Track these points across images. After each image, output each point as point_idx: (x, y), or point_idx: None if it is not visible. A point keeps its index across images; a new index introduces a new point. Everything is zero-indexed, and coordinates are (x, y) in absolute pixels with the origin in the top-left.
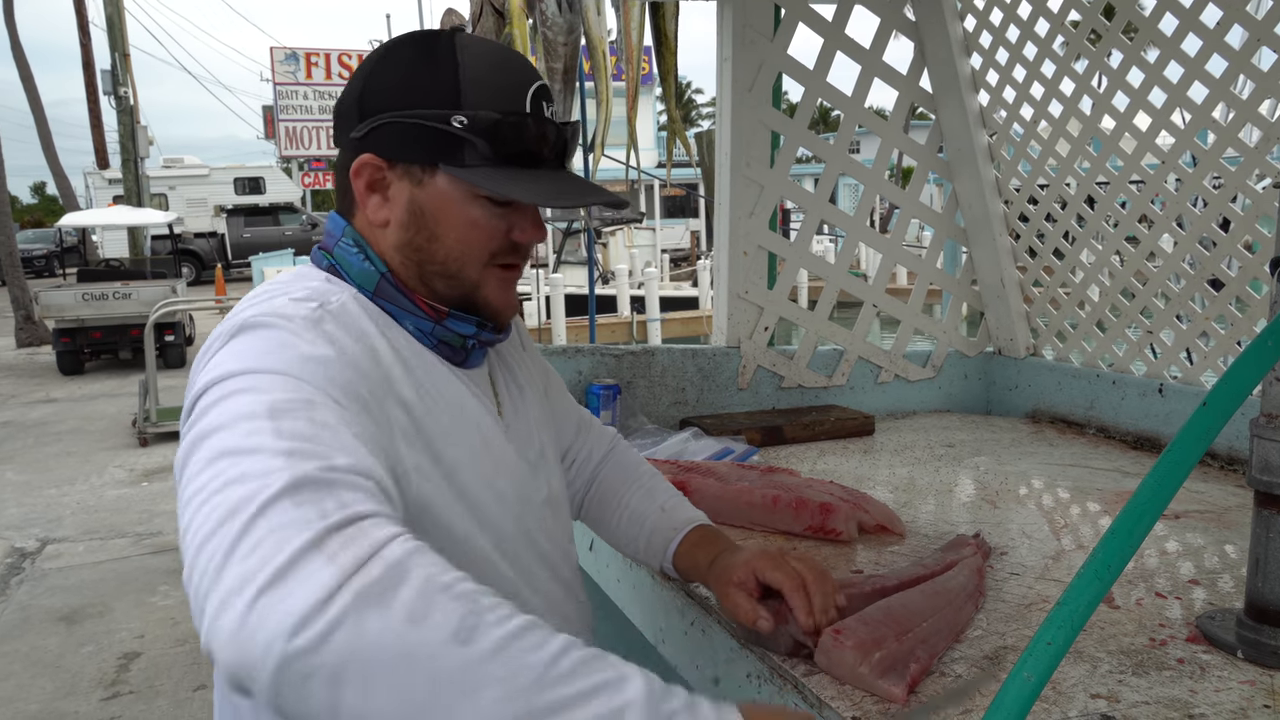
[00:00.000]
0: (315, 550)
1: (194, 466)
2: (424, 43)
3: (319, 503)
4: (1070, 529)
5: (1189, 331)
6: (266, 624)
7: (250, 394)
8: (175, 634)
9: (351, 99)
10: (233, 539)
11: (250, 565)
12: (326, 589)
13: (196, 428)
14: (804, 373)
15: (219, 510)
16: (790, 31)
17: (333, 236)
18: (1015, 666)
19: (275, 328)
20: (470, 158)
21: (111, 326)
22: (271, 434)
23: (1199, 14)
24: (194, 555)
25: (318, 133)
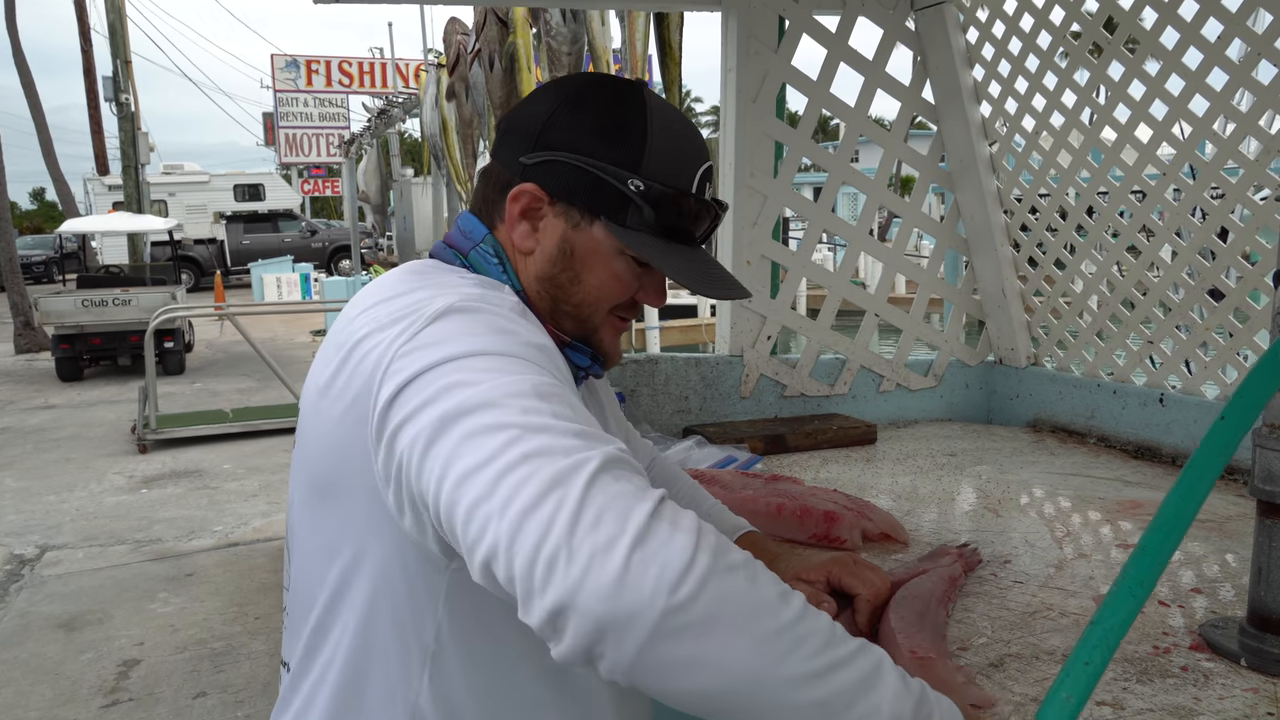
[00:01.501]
0: (658, 519)
1: (459, 440)
2: (617, 94)
3: (632, 480)
4: (1072, 538)
5: (1189, 342)
6: (645, 580)
7: (501, 374)
8: (175, 641)
9: (532, 123)
10: (575, 505)
11: (608, 529)
12: (689, 550)
13: (445, 405)
14: (806, 381)
15: (537, 479)
16: (794, 42)
17: (469, 239)
18: (1053, 687)
19: (489, 313)
20: (632, 219)
21: (111, 333)
22: (551, 414)
23: (1200, 27)
24: (518, 520)
25: (318, 140)
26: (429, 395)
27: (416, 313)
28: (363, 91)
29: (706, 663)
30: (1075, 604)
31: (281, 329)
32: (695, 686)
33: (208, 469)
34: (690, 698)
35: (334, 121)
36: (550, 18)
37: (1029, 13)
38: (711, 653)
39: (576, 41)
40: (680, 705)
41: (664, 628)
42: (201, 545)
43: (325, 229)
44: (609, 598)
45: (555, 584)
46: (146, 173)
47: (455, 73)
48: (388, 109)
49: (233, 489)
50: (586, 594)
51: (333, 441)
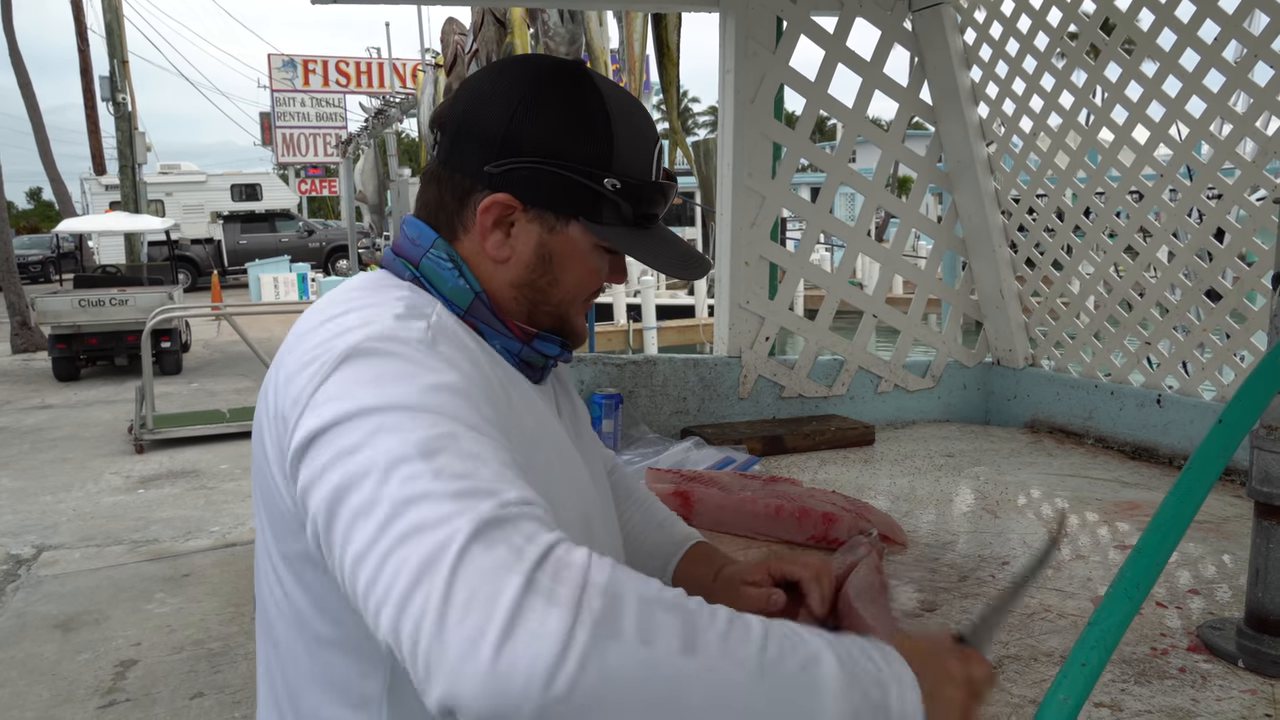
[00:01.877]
0: (532, 593)
1: (350, 519)
2: (572, 86)
3: (508, 541)
4: (1070, 539)
5: (1187, 343)
6: (515, 677)
7: (389, 434)
8: (172, 641)
9: (492, 125)
10: (441, 594)
11: (475, 619)
12: (563, 632)
13: (338, 475)
14: (804, 382)
15: (409, 566)
16: (792, 43)
17: (418, 247)
18: (1051, 689)
19: (391, 355)
20: (609, 216)
21: (108, 333)
22: (430, 477)
23: (1197, 29)
24: (396, 614)
25: (315, 140)
26: (323, 463)
27: (325, 355)
28: (360, 91)
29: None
30: (1073, 605)
31: (279, 329)
32: None
33: (205, 469)
34: None
35: (331, 121)
36: (548, 18)
37: (1026, 14)
38: None
39: (574, 42)
40: None
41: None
42: (198, 545)
43: (322, 229)
44: (484, 697)
45: (435, 684)
46: (144, 172)
47: (453, 73)
48: (385, 109)
49: (230, 489)
50: (464, 697)
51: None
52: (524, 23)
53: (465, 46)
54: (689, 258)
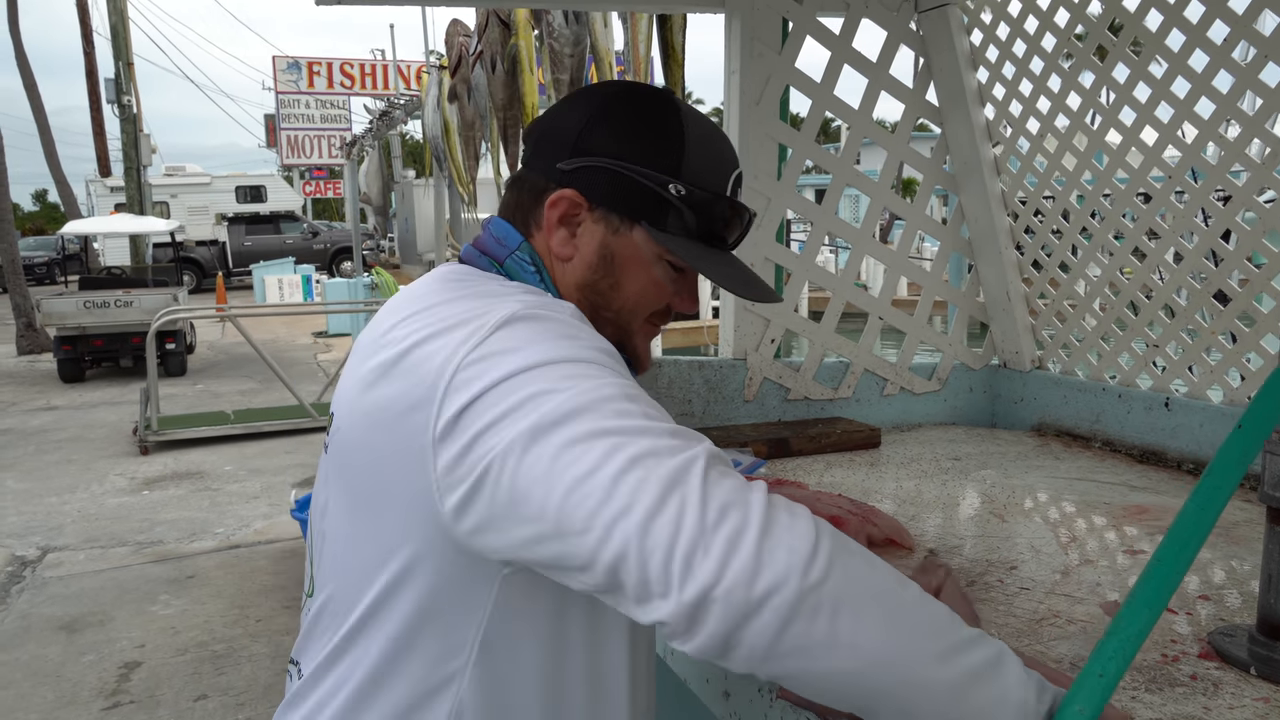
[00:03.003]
0: (774, 507)
1: (562, 448)
2: (651, 101)
3: (731, 474)
4: (1078, 544)
5: (1195, 346)
6: (778, 564)
7: (584, 379)
8: (176, 643)
9: (567, 131)
10: (699, 502)
11: (734, 521)
12: (811, 534)
13: (535, 414)
14: (810, 385)
15: (654, 481)
16: (798, 44)
17: (504, 247)
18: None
19: (553, 320)
20: (673, 224)
21: (113, 334)
22: (643, 415)
23: (1206, 30)
24: (645, 523)
25: (319, 141)
26: (512, 404)
27: (477, 320)
28: (364, 93)
29: (841, 642)
30: (1082, 611)
31: (283, 330)
32: (832, 667)
33: (209, 470)
34: (827, 680)
35: (335, 123)
36: (553, 19)
37: (1033, 15)
38: (846, 632)
39: (579, 43)
40: (817, 690)
41: (800, 608)
42: (203, 547)
43: (327, 230)
44: (747, 584)
45: (695, 577)
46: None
47: (457, 74)
48: (389, 110)
49: (234, 491)
50: (726, 582)
51: (383, 451)
52: (529, 24)
53: (470, 48)
54: (753, 280)
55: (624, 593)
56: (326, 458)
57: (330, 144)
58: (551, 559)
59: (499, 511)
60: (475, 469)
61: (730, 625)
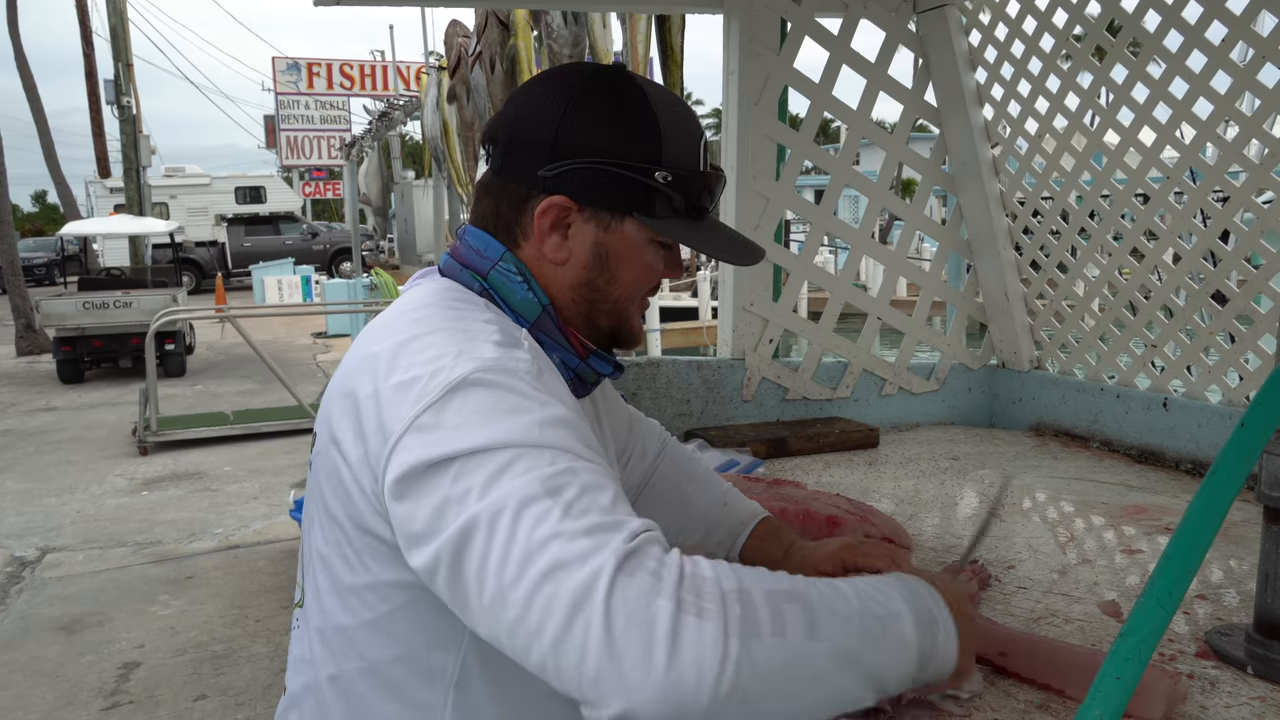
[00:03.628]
0: (682, 612)
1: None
2: (615, 87)
3: (645, 568)
4: (1076, 543)
5: (1193, 346)
6: (686, 685)
7: (514, 475)
8: (175, 644)
9: (541, 133)
10: (602, 624)
11: (640, 642)
12: (718, 641)
13: (465, 515)
14: (808, 385)
15: (561, 601)
16: (796, 45)
17: (486, 259)
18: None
19: (502, 388)
20: (661, 209)
21: (112, 335)
22: (560, 515)
23: (1204, 30)
24: (554, 646)
25: (319, 142)
26: (442, 498)
27: (431, 379)
28: (364, 94)
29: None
30: (1080, 610)
31: (283, 331)
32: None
33: (209, 471)
34: None
35: (335, 124)
36: (551, 20)
37: (1032, 15)
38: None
39: (578, 44)
40: None
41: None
42: (202, 548)
43: (326, 231)
44: (662, 704)
45: (613, 699)
46: (148, 175)
47: (456, 75)
48: (389, 111)
49: (233, 491)
50: (643, 704)
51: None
52: (528, 25)
53: (469, 49)
54: (742, 244)
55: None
56: (314, 472)
57: (330, 145)
58: None
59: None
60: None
61: None
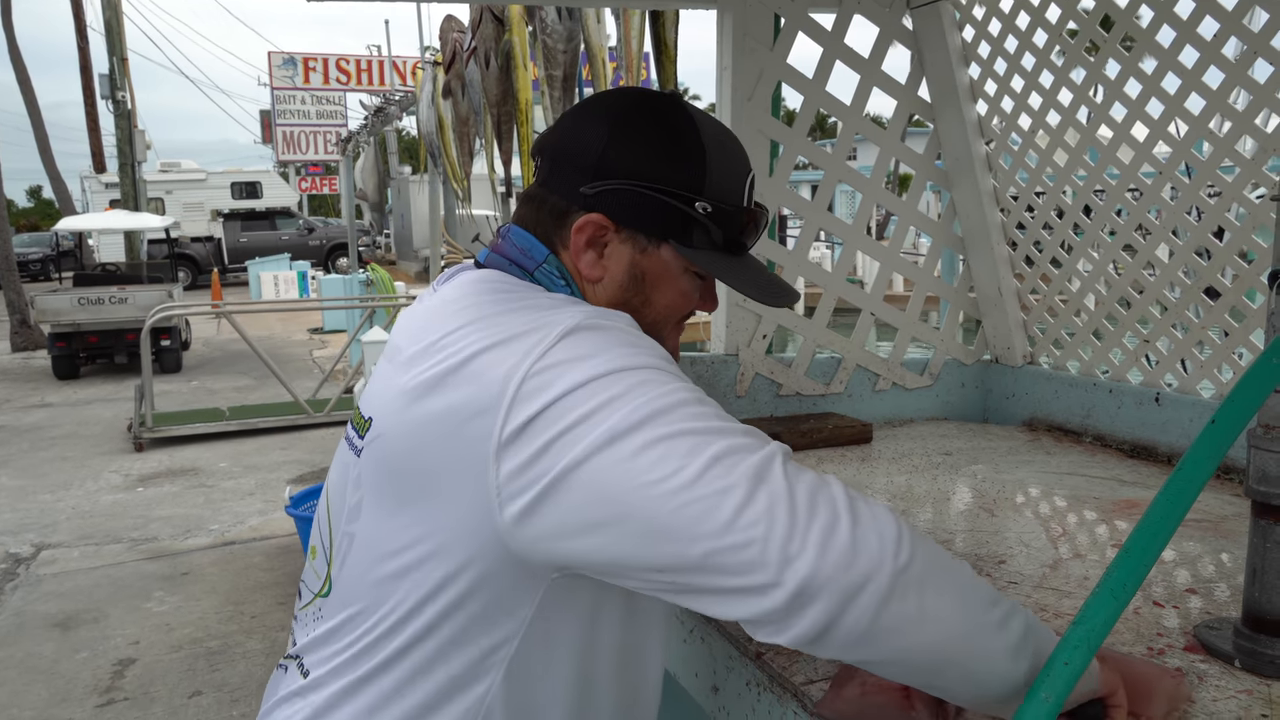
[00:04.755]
0: (855, 499)
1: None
2: (666, 114)
3: (804, 469)
4: (1067, 538)
5: (1185, 341)
6: (871, 550)
7: (656, 385)
8: (170, 640)
9: (587, 151)
10: (786, 497)
11: (824, 513)
12: (893, 520)
13: (611, 420)
14: (802, 380)
15: (740, 481)
16: (790, 40)
17: (531, 259)
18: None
19: (616, 330)
20: (699, 239)
21: (108, 331)
22: (716, 417)
23: (1196, 26)
24: (733, 518)
25: (315, 137)
26: (585, 411)
27: (539, 330)
28: (360, 89)
29: (928, 618)
30: (1070, 604)
31: (279, 327)
32: (918, 642)
33: (204, 467)
34: (910, 654)
35: (331, 119)
36: (546, 15)
37: (1025, 11)
38: (931, 608)
39: (572, 39)
40: (895, 666)
41: (894, 588)
42: (198, 544)
43: (323, 227)
44: (846, 570)
45: (795, 569)
46: (143, 170)
47: (451, 71)
48: (385, 106)
49: (229, 487)
50: (827, 571)
51: (437, 458)
52: (522, 20)
53: (464, 44)
54: (778, 285)
55: (709, 591)
56: (358, 461)
57: (326, 140)
58: (628, 562)
59: (572, 517)
60: (545, 475)
61: (831, 613)
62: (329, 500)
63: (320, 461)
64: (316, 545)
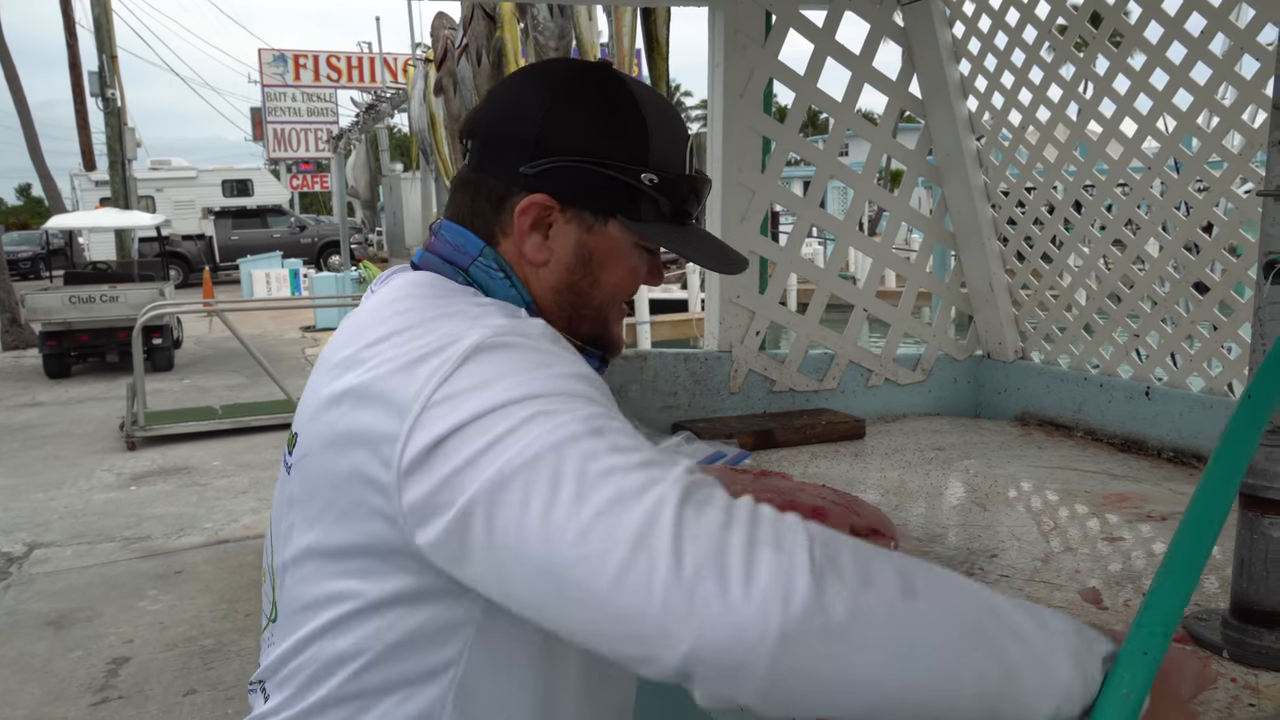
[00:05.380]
0: (757, 545)
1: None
2: (604, 86)
3: (712, 503)
4: (1059, 531)
5: (1175, 335)
6: (762, 620)
7: (551, 416)
8: (164, 639)
9: (524, 128)
10: (670, 554)
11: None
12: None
13: (500, 460)
14: (795, 376)
15: (623, 534)
16: (781, 37)
17: (465, 254)
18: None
19: (521, 347)
20: (646, 212)
21: (99, 329)
22: (608, 452)
23: (1183, 22)
24: (614, 582)
25: (306, 135)
26: (478, 449)
27: (442, 352)
28: (351, 86)
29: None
30: (1061, 597)
31: (271, 325)
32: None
33: (197, 466)
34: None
35: (322, 116)
36: (537, 13)
37: (1014, 7)
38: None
39: (564, 36)
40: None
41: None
42: (191, 542)
43: (314, 224)
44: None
45: (677, 639)
46: (134, 168)
47: (443, 68)
48: (376, 104)
49: (222, 486)
50: (714, 639)
51: (346, 479)
52: (514, 17)
53: (455, 41)
54: (726, 252)
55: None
56: (288, 479)
57: (317, 137)
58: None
59: (466, 562)
60: (449, 509)
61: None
62: (271, 522)
63: None
64: (265, 568)
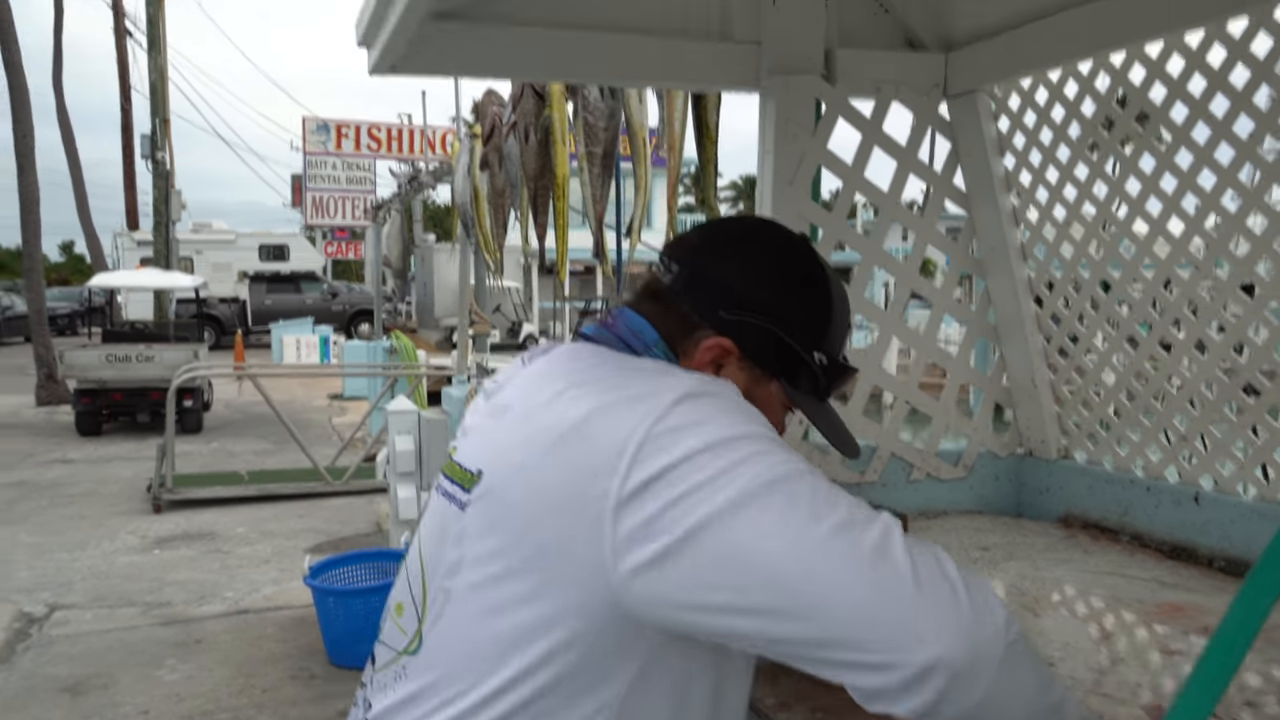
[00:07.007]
0: (964, 571)
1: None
2: (808, 264)
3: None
4: (1112, 641)
5: (1224, 439)
6: (987, 627)
7: (770, 454)
8: (180, 710)
9: (735, 284)
10: (909, 572)
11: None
12: (998, 596)
13: (733, 487)
14: (838, 469)
15: (861, 554)
16: (830, 126)
17: (641, 341)
18: None
19: (725, 397)
20: (804, 384)
21: (132, 389)
22: (827, 485)
23: (1232, 124)
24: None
25: (344, 203)
26: (708, 475)
27: (655, 396)
28: (390, 156)
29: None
30: (1125, 712)
31: (300, 391)
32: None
33: (221, 532)
34: None
35: (360, 185)
36: (588, 93)
37: (1060, 103)
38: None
39: (613, 117)
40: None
41: (1003, 664)
42: (211, 611)
43: (346, 292)
44: (968, 650)
45: (921, 650)
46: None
47: (490, 143)
48: (417, 175)
49: (245, 553)
50: (952, 653)
51: (549, 516)
52: (563, 97)
53: (503, 118)
54: (847, 435)
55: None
56: (462, 515)
57: (354, 205)
58: (747, 631)
59: (694, 579)
60: (668, 534)
61: (947, 690)
62: (422, 555)
63: (338, 531)
64: (404, 601)
